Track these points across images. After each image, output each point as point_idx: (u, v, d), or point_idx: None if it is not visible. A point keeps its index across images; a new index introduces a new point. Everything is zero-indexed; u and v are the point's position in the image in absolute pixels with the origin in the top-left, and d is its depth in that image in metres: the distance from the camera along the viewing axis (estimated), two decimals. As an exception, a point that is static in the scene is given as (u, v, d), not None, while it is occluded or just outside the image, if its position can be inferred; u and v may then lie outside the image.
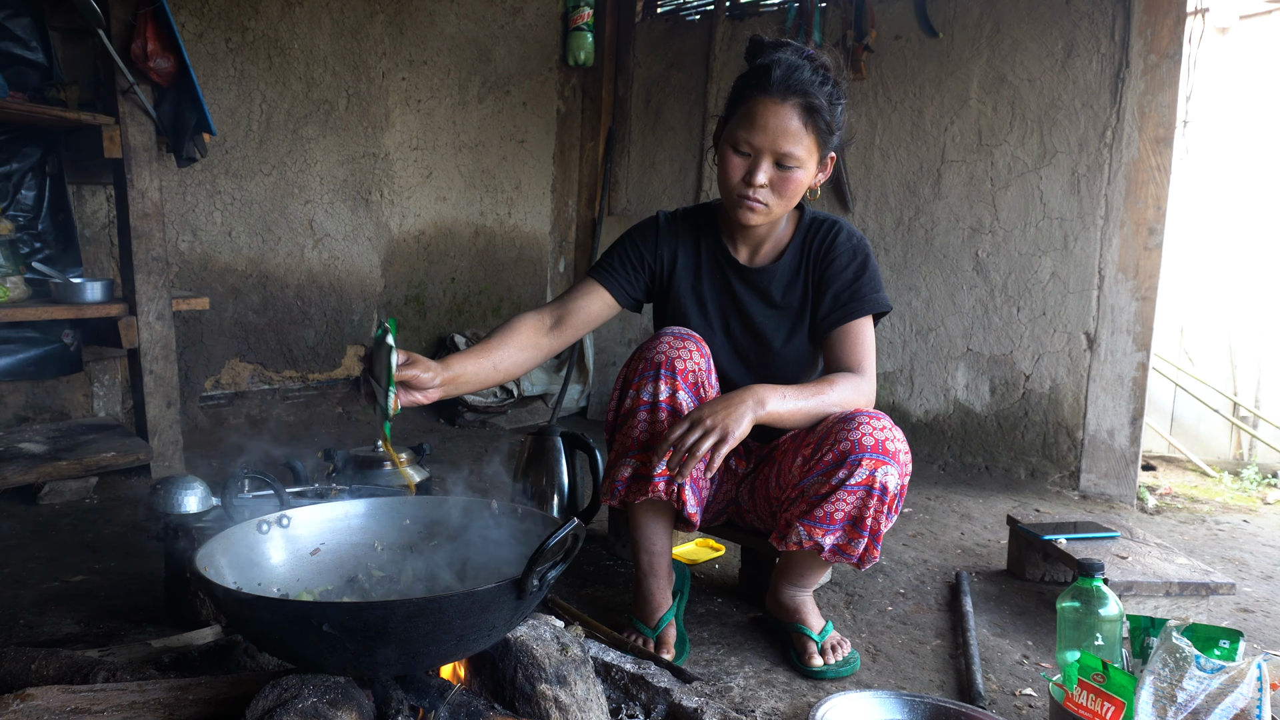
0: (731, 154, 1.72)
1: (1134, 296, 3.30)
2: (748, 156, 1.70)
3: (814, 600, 1.95)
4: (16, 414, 3.07)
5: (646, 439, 1.73)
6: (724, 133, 1.75)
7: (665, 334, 1.79)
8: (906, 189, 3.78)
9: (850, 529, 1.69)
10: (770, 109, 1.66)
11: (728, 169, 1.73)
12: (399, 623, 1.09)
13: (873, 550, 1.71)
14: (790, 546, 1.74)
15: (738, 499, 2.02)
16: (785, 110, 1.66)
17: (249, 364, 3.71)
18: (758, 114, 1.67)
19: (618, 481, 1.76)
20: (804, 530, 1.71)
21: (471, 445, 3.88)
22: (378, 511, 1.53)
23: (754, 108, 1.68)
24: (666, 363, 1.73)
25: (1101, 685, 1.40)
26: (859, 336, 1.83)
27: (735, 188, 1.73)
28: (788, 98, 1.66)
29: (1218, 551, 2.79)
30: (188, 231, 3.46)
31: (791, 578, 1.92)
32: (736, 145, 1.70)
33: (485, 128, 4.43)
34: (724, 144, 1.74)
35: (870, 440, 1.66)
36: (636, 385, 1.75)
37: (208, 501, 1.97)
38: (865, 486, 1.65)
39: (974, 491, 3.40)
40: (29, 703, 1.15)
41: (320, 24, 3.72)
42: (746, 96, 1.70)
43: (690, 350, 1.76)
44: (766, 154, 1.68)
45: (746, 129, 1.68)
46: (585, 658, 1.36)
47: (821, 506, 1.68)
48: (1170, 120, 3.22)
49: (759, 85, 1.68)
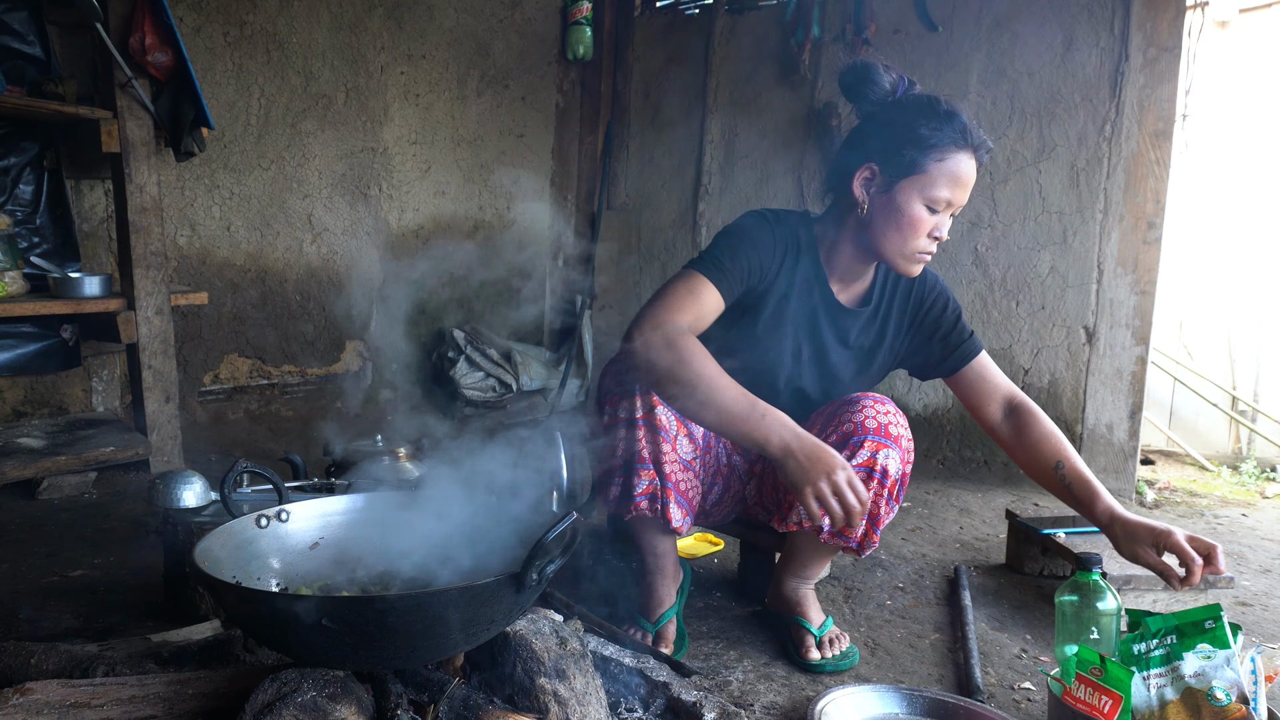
0: (926, 213, 1.63)
1: (1133, 290, 3.30)
2: (937, 214, 1.64)
3: (815, 594, 1.95)
4: (15, 409, 3.07)
5: (627, 458, 1.73)
6: (909, 185, 1.63)
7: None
8: (906, 183, 3.78)
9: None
10: (968, 163, 1.64)
11: (917, 227, 1.64)
12: (398, 617, 1.09)
13: (872, 535, 1.72)
14: (790, 526, 1.75)
15: (744, 496, 2.02)
16: (974, 165, 1.65)
17: (248, 359, 3.71)
18: (962, 170, 1.62)
19: (609, 501, 1.78)
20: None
21: (470, 439, 3.88)
22: (376, 506, 1.53)
23: (958, 164, 1.62)
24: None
25: (1099, 679, 1.40)
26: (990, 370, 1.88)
27: (920, 245, 1.66)
28: (973, 153, 1.64)
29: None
30: (186, 226, 3.45)
31: (794, 569, 1.92)
32: (932, 201, 1.62)
33: (484, 122, 4.43)
34: (916, 200, 1.63)
35: (873, 423, 1.68)
36: (613, 401, 1.75)
37: (206, 496, 1.97)
38: (866, 468, 1.67)
39: (973, 486, 3.41)
40: (29, 697, 1.15)
41: (318, 18, 3.71)
42: (945, 150, 1.61)
43: None
44: (954, 209, 1.66)
45: (950, 187, 1.62)
46: (584, 651, 1.37)
47: None
48: (1169, 114, 3.21)
49: (955, 139, 1.62)
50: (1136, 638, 1.49)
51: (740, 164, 4.26)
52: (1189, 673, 1.43)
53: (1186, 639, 1.45)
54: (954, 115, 1.62)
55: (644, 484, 1.73)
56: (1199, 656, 1.43)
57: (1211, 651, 1.42)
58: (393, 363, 4.24)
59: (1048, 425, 1.80)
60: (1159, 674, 1.46)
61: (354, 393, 4.12)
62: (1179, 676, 1.44)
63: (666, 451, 1.72)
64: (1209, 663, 1.42)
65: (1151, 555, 1.61)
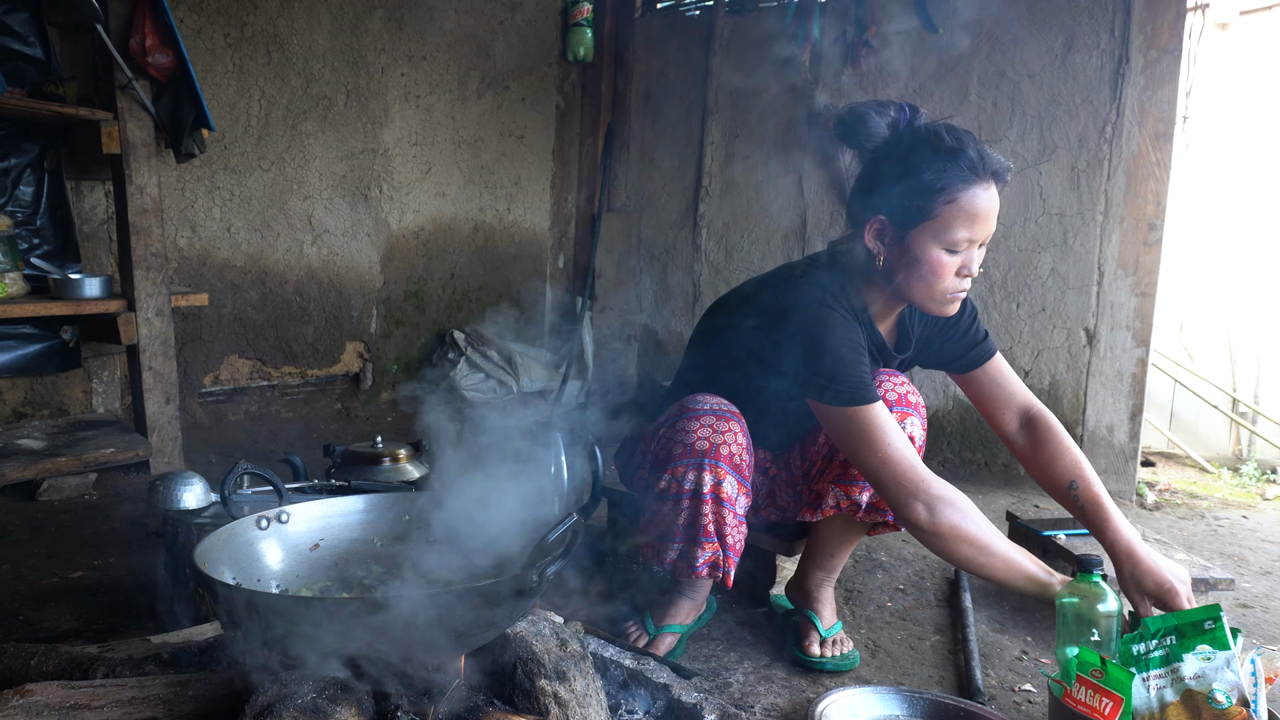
0: (944, 253, 1.55)
1: (1133, 292, 3.30)
2: (960, 254, 1.56)
3: (834, 596, 1.96)
4: (15, 410, 3.07)
5: (689, 528, 1.71)
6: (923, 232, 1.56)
7: (703, 414, 1.68)
8: (906, 185, 3.78)
9: None
10: (984, 195, 1.54)
11: (940, 272, 1.56)
12: (398, 619, 1.09)
13: None
14: (826, 512, 1.76)
15: (757, 504, 2.02)
16: (994, 192, 1.56)
17: (248, 360, 3.71)
18: (978, 207, 1.53)
19: (665, 561, 1.75)
20: (840, 491, 1.74)
21: (470, 442, 3.88)
22: (377, 507, 1.53)
23: (972, 202, 1.53)
24: (710, 450, 1.67)
25: (1100, 681, 1.40)
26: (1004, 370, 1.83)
27: (948, 286, 1.58)
28: (991, 181, 1.55)
29: (1217, 547, 2.80)
30: (186, 227, 3.45)
31: (820, 560, 1.92)
32: (953, 243, 1.54)
33: (484, 123, 4.43)
34: (932, 246, 1.55)
35: (893, 395, 1.71)
36: (676, 471, 1.70)
37: (207, 497, 1.97)
38: None
39: (973, 487, 3.41)
40: (29, 698, 1.15)
41: (319, 19, 3.71)
42: (954, 191, 1.53)
43: (734, 432, 1.69)
44: (979, 243, 1.58)
45: (968, 226, 1.53)
46: (584, 653, 1.36)
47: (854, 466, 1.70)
48: (1170, 116, 3.21)
49: (964, 177, 1.53)
50: (1136, 638, 1.49)
51: (741, 165, 4.26)
52: (1189, 674, 1.43)
53: (1186, 640, 1.44)
54: (959, 151, 1.53)
55: (706, 554, 1.73)
56: (1199, 658, 1.43)
57: (1211, 653, 1.42)
58: (393, 364, 4.24)
59: (1064, 441, 1.73)
60: (1159, 675, 1.46)
61: (354, 394, 4.12)
62: (1179, 678, 1.44)
63: (729, 520, 1.72)
64: (1209, 664, 1.42)
65: (1146, 605, 1.56)
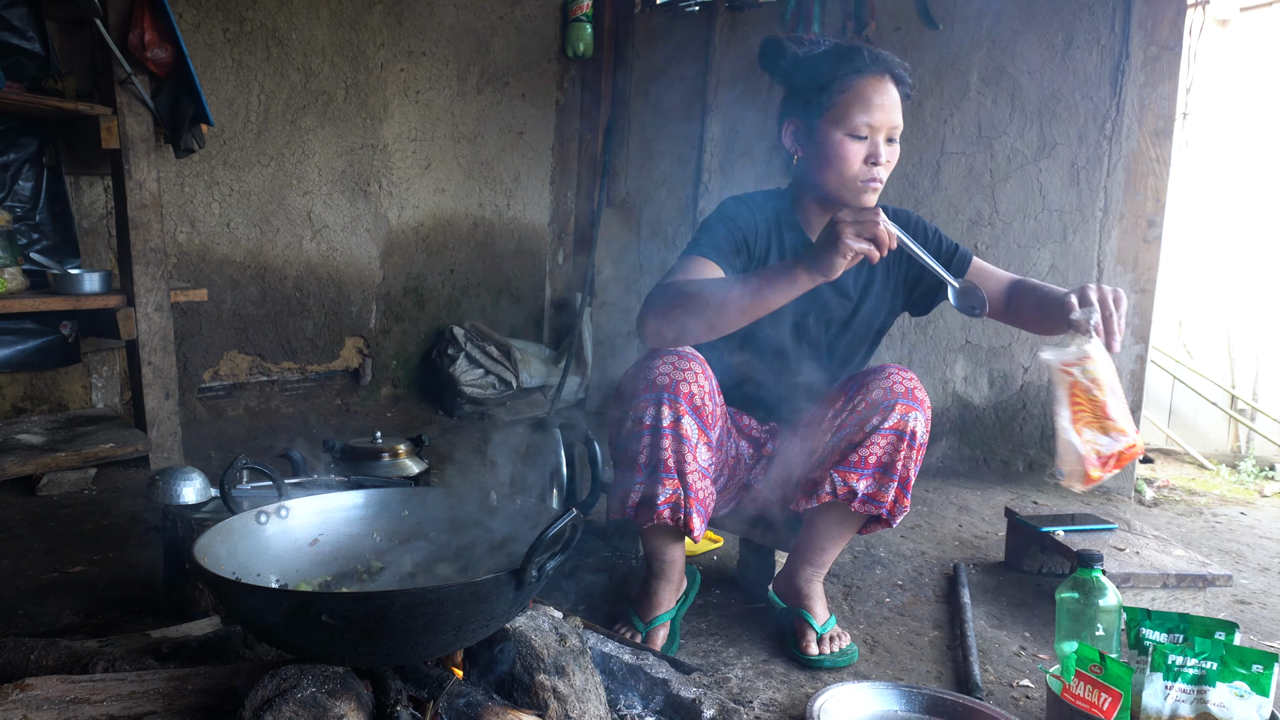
0: (848, 140, 1.69)
1: (1133, 289, 3.30)
2: (864, 140, 1.69)
3: (824, 592, 1.96)
4: (15, 405, 3.07)
5: (651, 465, 1.72)
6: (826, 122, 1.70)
7: (665, 353, 1.73)
8: (905, 181, 3.78)
9: (880, 475, 1.73)
10: (878, 85, 1.68)
11: (846, 158, 1.69)
12: (397, 613, 1.09)
13: (902, 499, 1.75)
14: (822, 499, 1.76)
15: (749, 482, 2.02)
16: (888, 84, 1.69)
17: (247, 355, 3.70)
18: (871, 94, 1.67)
19: (628, 506, 1.76)
20: (838, 477, 1.74)
21: (470, 437, 3.89)
22: (376, 502, 1.52)
23: (865, 89, 1.68)
24: (670, 385, 1.69)
25: (1099, 676, 1.40)
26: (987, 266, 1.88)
27: (860, 173, 1.70)
28: (884, 73, 1.69)
29: (1215, 543, 2.80)
30: (186, 223, 3.45)
31: (810, 554, 1.91)
32: (854, 131, 1.68)
33: (484, 119, 4.42)
34: (835, 133, 1.69)
35: (901, 388, 1.72)
36: (638, 408, 1.72)
37: (206, 492, 1.97)
38: (897, 431, 1.71)
39: (972, 484, 3.41)
40: (28, 693, 1.15)
41: (318, 14, 3.71)
42: (847, 81, 1.68)
43: (694, 372, 1.72)
44: (883, 131, 1.69)
45: (864, 111, 1.67)
46: (584, 648, 1.37)
47: (856, 451, 1.73)
48: (1170, 113, 3.21)
49: (856, 68, 1.69)
50: (1178, 649, 1.46)
51: (740, 161, 4.26)
52: (1215, 701, 1.42)
53: (1227, 670, 1.42)
54: (855, 50, 1.70)
55: (667, 493, 1.72)
56: (1233, 692, 1.41)
57: (1247, 693, 1.41)
58: (392, 360, 4.24)
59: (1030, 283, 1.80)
60: (1184, 689, 1.44)
61: (353, 389, 4.12)
62: (1203, 700, 1.43)
63: (690, 460, 1.72)
64: (1240, 701, 1.41)
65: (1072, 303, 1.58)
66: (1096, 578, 1.66)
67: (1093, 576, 1.66)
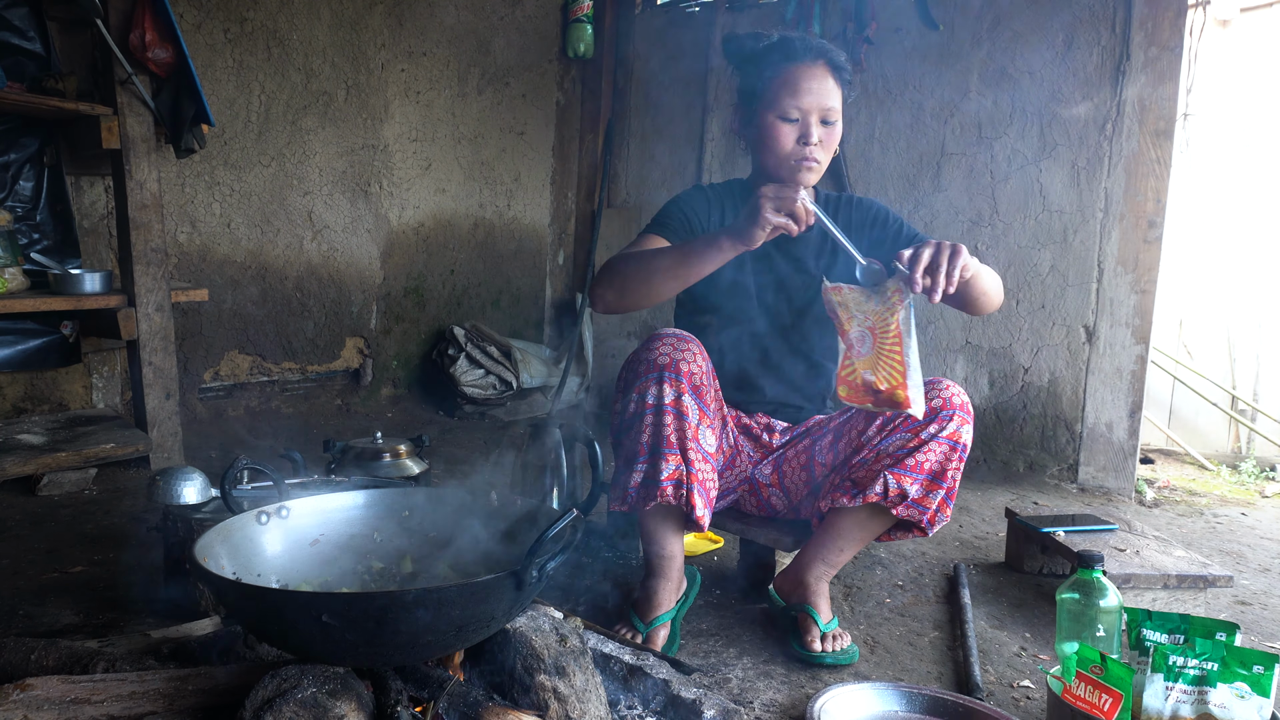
0: (780, 123, 1.80)
1: (1133, 290, 3.30)
2: (796, 122, 1.79)
3: (829, 591, 1.96)
4: (15, 405, 3.07)
5: (653, 443, 1.74)
6: (757, 108, 1.83)
7: (665, 336, 1.79)
8: (906, 182, 3.78)
9: (930, 482, 1.75)
10: (807, 71, 1.79)
11: (779, 139, 1.80)
12: (398, 613, 1.09)
13: (945, 508, 1.78)
14: (869, 498, 1.76)
15: (753, 477, 2.02)
16: (819, 71, 1.80)
17: (248, 356, 3.70)
18: (799, 79, 1.78)
19: (630, 489, 1.76)
20: (891, 479, 1.74)
21: (470, 437, 3.88)
22: (377, 503, 1.53)
23: (793, 74, 1.79)
24: (670, 365, 1.74)
25: (1100, 677, 1.40)
26: None
27: (792, 153, 1.80)
28: (817, 60, 1.80)
29: (1216, 544, 2.80)
30: (186, 223, 3.45)
31: (826, 552, 1.91)
32: (785, 114, 1.79)
33: (484, 119, 4.42)
34: (768, 116, 1.80)
35: (958, 400, 1.76)
36: (640, 389, 1.75)
37: (207, 492, 1.97)
38: (951, 441, 1.74)
39: (972, 484, 3.41)
40: (29, 693, 1.15)
41: (319, 15, 3.71)
42: (778, 68, 1.80)
43: (693, 353, 1.77)
44: (814, 114, 1.78)
45: (792, 95, 1.78)
46: (584, 649, 1.37)
47: (912, 456, 1.74)
48: (1170, 113, 3.21)
49: (787, 56, 1.81)
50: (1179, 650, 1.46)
51: (741, 161, 4.22)
52: (1216, 701, 1.42)
53: (1228, 671, 1.42)
54: (789, 39, 1.83)
55: (670, 469, 1.73)
56: (1234, 693, 1.42)
57: (1248, 694, 1.41)
58: (393, 360, 4.24)
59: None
60: (1185, 690, 1.44)
61: (354, 390, 4.12)
62: (1204, 701, 1.43)
63: (691, 438, 1.74)
64: (1240, 702, 1.41)
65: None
66: (1097, 578, 1.66)
67: (1093, 577, 1.66)
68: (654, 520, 1.85)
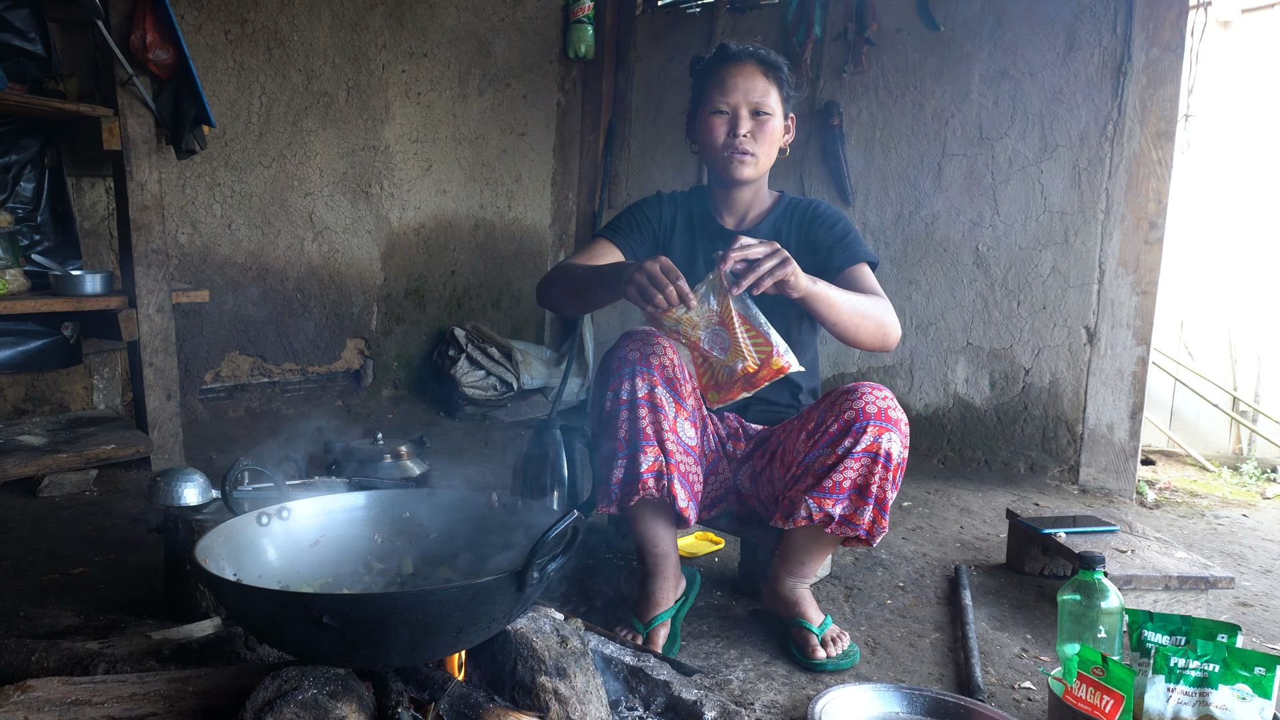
0: (713, 118, 1.91)
1: (1134, 291, 3.30)
2: (726, 115, 1.90)
3: (812, 593, 1.95)
4: (16, 406, 3.07)
5: (631, 437, 1.74)
6: (699, 110, 1.95)
7: (634, 334, 1.82)
8: (907, 182, 3.78)
9: (856, 497, 1.71)
10: (736, 70, 1.90)
11: (712, 132, 1.91)
12: (399, 615, 1.09)
13: (880, 520, 1.73)
14: (799, 522, 1.75)
15: (736, 485, 2.02)
16: (748, 69, 1.90)
17: (249, 357, 3.70)
18: (727, 77, 1.90)
19: (612, 485, 1.77)
20: (812, 503, 1.72)
21: (471, 438, 3.89)
22: (377, 504, 1.53)
23: (722, 74, 1.91)
24: (641, 359, 1.76)
25: (1101, 679, 1.40)
26: (868, 278, 1.92)
27: (723, 145, 1.91)
28: (747, 60, 1.91)
29: (1217, 546, 2.80)
30: (187, 224, 3.45)
31: (791, 566, 1.92)
32: (715, 108, 1.90)
33: (485, 120, 4.43)
34: (703, 112, 1.93)
35: (873, 408, 1.71)
36: (614, 386, 1.77)
37: (207, 494, 1.97)
38: (870, 454, 1.69)
39: (973, 485, 3.41)
40: (30, 694, 1.15)
41: (320, 16, 3.71)
42: (711, 72, 1.93)
43: (662, 347, 1.79)
44: (743, 107, 1.89)
45: (720, 92, 1.90)
46: (585, 650, 1.36)
47: (830, 476, 1.71)
48: (1172, 114, 3.21)
49: (719, 59, 1.94)
50: (1180, 651, 1.46)
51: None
52: (1217, 703, 1.42)
53: (1230, 672, 1.42)
54: (723, 46, 1.95)
55: (649, 460, 1.73)
56: (1235, 694, 1.42)
57: (1249, 695, 1.41)
58: (393, 361, 4.24)
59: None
60: (1186, 691, 1.44)
61: (355, 391, 4.12)
62: (1205, 703, 1.43)
63: (668, 430, 1.75)
64: (1242, 703, 1.41)
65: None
66: (1098, 580, 1.66)
67: (1094, 578, 1.66)
68: (642, 518, 1.86)
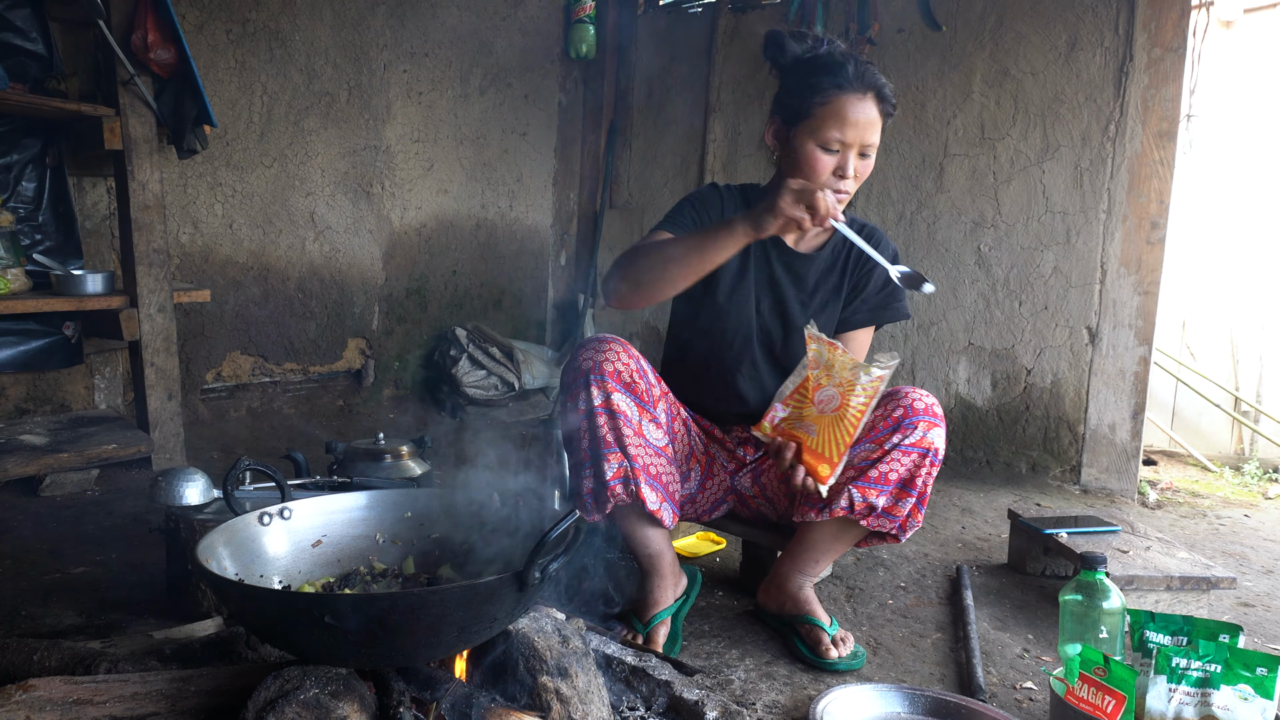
0: (821, 153, 1.73)
1: (1136, 291, 3.30)
2: (836, 154, 1.73)
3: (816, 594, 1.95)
4: (17, 406, 3.07)
5: (593, 447, 1.74)
6: (802, 130, 1.75)
7: (588, 342, 1.79)
8: (908, 183, 3.78)
9: (900, 490, 1.73)
10: (857, 104, 1.71)
11: (817, 168, 1.74)
12: (400, 615, 1.09)
13: (916, 514, 1.76)
14: (836, 513, 1.75)
15: (735, 488, 2.02)
16: (868, 103, 1.72)
17: (250, 356, 3.71)
18: (847, 111, 1.70)
19: (585, 496, 1.77)
20: (856, 493, 1.73)
21: (472, 438, 3.88)
22: (379, 504, 1.53)
23: (842, 105, 1.71)
24: (595, 368, 1.74)
25: (1103, 679, 1.40)
26: (865, 342, 1.94)
27: (826, 184, 1.73)
28: (867, 91, 1.72)
29: (1219, 546, 2.79)
30: (189, 223, 3.45)
31: (802, 564, 1.91)
32: (827, 145, 1.72)
33: (487, 120, 4.42)
34: (809, 142, 1.74)
35: (921, 405, 1.75)
36: (572, 396, 1.76)
37: (209, 493, 1.97)
38: (921, 449, 1.72)
39: (975, 485, 3.40)
40: (32, 693, 1.15)
41: (321, 15, 3.71)
42: (827, 94, 1.71)
43: (615, 351, 1.76)
44: (855, 147, 1.73)
45: (838, 128, 1.71)
46: (586, 650, 1.36)
47: (875, 468, 1.73)
48: (1174, 114, 3.21)
49: (838, 83, 1.71)
50: (1182, 651, 1.46)
51: (744, 163, 4.26)
52: (1219, 704, 1.42)
53: (1231, 673, 1.42)
54: (842, 64, 1.72)
55: (614, 468, 1.73)
56: (1237, 695, 1.42)
57: (1251, 696, 1.41)
58: (395, 361, 4.24)
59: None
60: (1188, 692, 1.44)
61: (356, 391, 4.12)
62: (1207, 703, 1.43)
63: (629, 435, 1.74)
64: (1244, 704, 1.41)
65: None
66: (1100, 580, 1.66)
67: (1096, 579, 1.66)
68: (628, 521, 1.86)
